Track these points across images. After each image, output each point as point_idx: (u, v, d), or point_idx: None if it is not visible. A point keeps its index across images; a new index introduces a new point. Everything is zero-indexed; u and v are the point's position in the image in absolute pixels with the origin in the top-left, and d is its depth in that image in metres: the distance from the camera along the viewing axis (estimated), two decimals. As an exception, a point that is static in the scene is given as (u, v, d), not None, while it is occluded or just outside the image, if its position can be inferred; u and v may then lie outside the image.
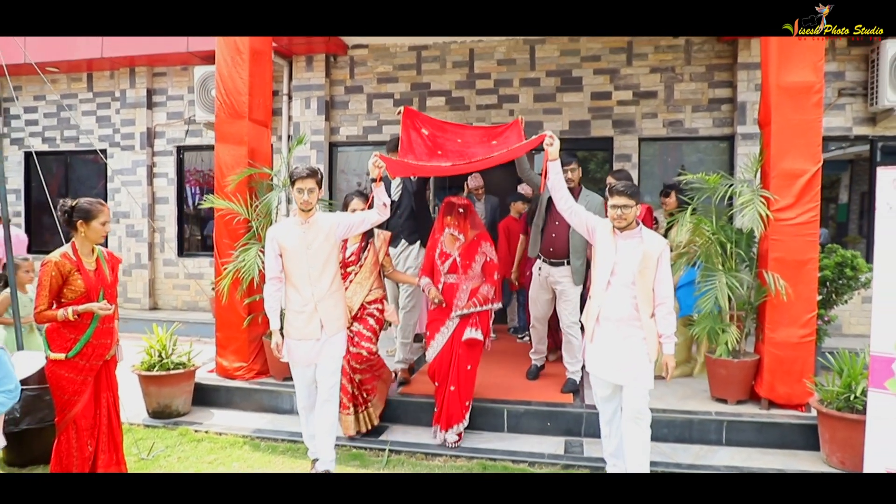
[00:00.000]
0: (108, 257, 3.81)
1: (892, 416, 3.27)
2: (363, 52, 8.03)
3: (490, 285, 4.44)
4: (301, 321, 3.84)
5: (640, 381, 3.52)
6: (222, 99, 5.25)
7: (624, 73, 7.41)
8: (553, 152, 3.88)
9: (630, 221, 3.53)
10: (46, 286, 3.50)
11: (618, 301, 3.55)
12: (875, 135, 7.06)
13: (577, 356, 5.01)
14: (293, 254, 3.81)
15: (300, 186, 3.75)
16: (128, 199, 8.76)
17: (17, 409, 3.99)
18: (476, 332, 4.33)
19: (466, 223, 4.40)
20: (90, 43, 8.43)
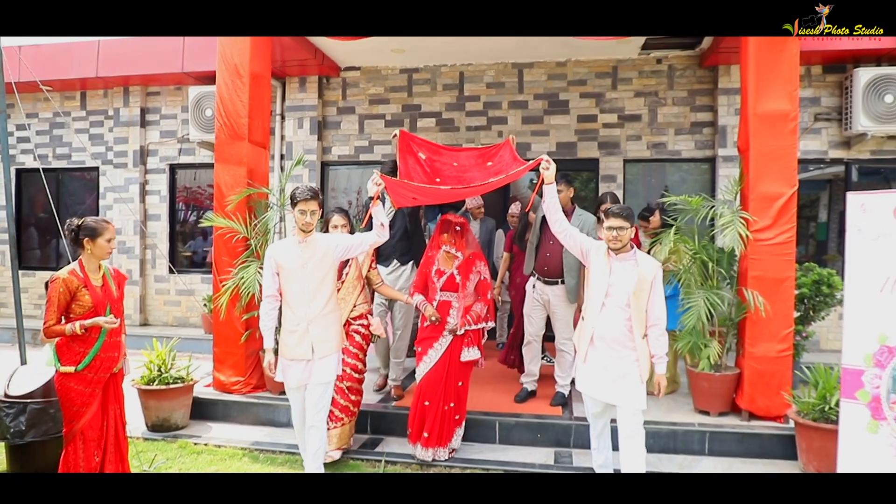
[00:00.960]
0: (115, 274, 3.97)
1: (863, 425, 3.50)
2: (355, 73, 8.27)
3: (483, 304, 4.49)
4: (293, 340, 3.87)
5: (633, 402, 3.63)
6: (222, 121, 5.45)
7: (609, 96, 7.71)
8: (549, 176, 3.99)
9: (625, 243, 3.66)
10: (55, 302, 3.65)
11: (612, 322, 3.65)
12: (850, 158, 7.40)
13: (567, 371, 5.15)
14: (289, 272, 3.87)
15: (303, 208, 3.81)
16: (120, 217, 8.87)
17: (23, 422, 4.11)
18: (472, 350, 4.39)
19: (463, 241, 4.45)
20: (85, 62, 8.60)
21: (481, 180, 4.40)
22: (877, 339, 3.49)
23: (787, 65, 4.77)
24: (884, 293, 3.50)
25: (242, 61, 5.39)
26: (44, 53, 8.57)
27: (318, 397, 3.92)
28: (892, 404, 3.43)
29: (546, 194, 3.99)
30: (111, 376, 3.87)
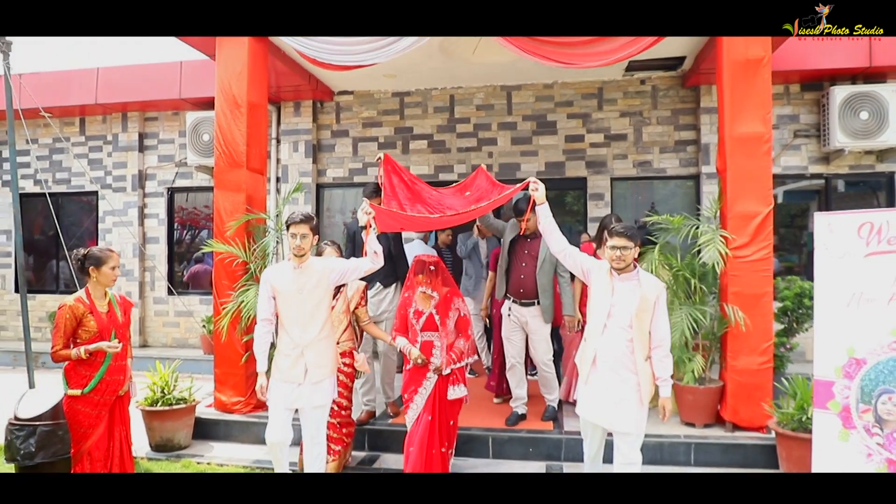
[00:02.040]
0: (121, 300, 4.18)
1: (834, 434, 3.69)
2: (348, 97, 8.51)
3: (465, 340, 4.42)
4: (287, 364, 3.89)
5: (633, 430, 3.59)
6: (221, 149, 5.66)
7: (595, 117, 7.96)
8: (540, 196, 3.97)
9: (628, 263, 3.60)
10: (62, 328, 3.87)
11: (614, 343, 3.59)
12: (829, 173, 7.65)
13: (552, 386, 5.29)
14: (285, 297, 3.89)
15: (294, 231, 3.86)
16: (119, 240, 9.07)
17: (33, 444, 4.25)
18: (459, 388, 4.28)
19: (438, 280, 4.34)
20: (84, 89, 8.82)
21: (462, 208, 4.50)
22: (845, 352, 3.69)
23: (759, 89, 5.03)
24: (850, 308, 3.71)
25: (240, 92, 5.62)
26: (44, 81, 8.78)
27: (317, 422, 3.98)
28: (861, 414, 3.62)
29: (540, 215, 3.98)
30: (117, 399, 4.07)
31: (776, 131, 7.64)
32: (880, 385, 3.58)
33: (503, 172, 8.05)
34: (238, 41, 5.66)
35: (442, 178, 8.25)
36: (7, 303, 9.74)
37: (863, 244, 3.72)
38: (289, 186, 8.01)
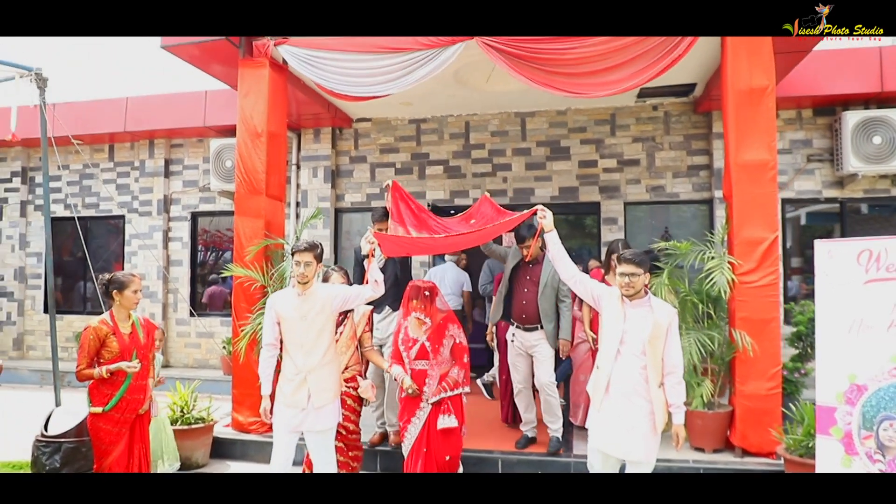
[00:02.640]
0: (144, 323, 4.39)
1: (837, 460, 3.73)
2: (367, 124, 8.75)
3: (460, 368, 4.31)
4: (290, 389, 3.92)
5: (644, 458, 3.58)
6: (242, 177, 5.90)
7: (608, 142, 8.09)
8: (548, 224, 3.95)
9: (638, 290, 3.58)
10: (86, 348, 4.09)
11: (627, 370, 3.57)
12: (843, 197, 7.67)
13: (556, 413, 5.20)
14: (289, 323, 3.94)
15: (298, 259, 3.92)
16: (144, 262, 9.36)
17: (58, 460, 4.43)
18: (449, 418, 4.16)
19: (433, 307, 4.26)
20: (113, 117, 9.20)
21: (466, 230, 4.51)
22: (847, 378, 3.74)
23: (764, 117, 5.11)
24: (851, 334, 3.76)
25: (260, 122, 5.86)
26: (76, 109, 9.16)
27: (323, 447, 4.03)
28: (863, 440, 3.66)
29: (548, 242, 3.95)
30: (137, 417, 4.25)
31: (789, 156, 7.71)
32: (881, 411, 3.62)
33: (517, 197, 8.20)
34: (258, 73, 5.92)
35: (457, 202, 8.42)
36: (36, 323, 10.07)
37: (862, 271, 3.79)
38: (308, 211, 8.28)
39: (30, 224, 10.19)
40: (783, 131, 7.76)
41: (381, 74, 5.65)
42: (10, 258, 10.09)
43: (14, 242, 10.10)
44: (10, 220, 10.16)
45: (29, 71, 5.12)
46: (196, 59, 6.44)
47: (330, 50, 5.72)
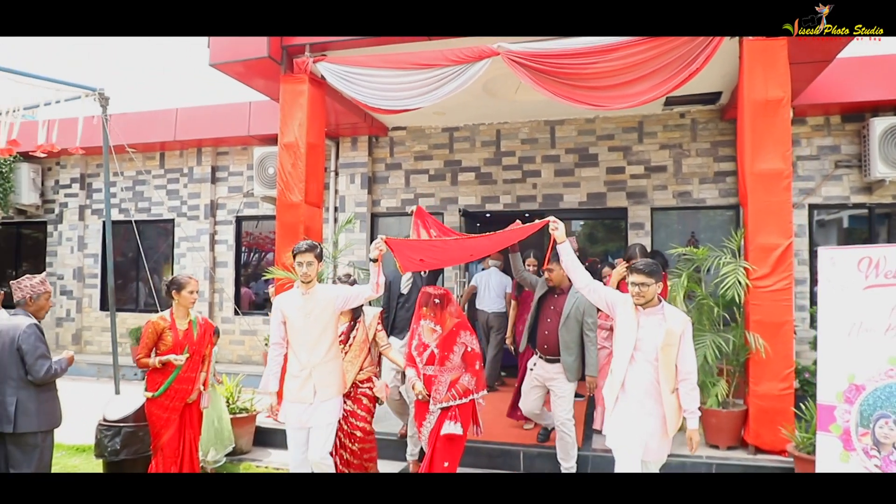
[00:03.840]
0: (203, 322, 4.85)
1: (836, 455, 3.95)
2: (402, 133, 9.18)
3: (471, 375, 4.31)
4: (296, 385, 4.13)
5: (659, 457, 3.73)
6: (283, 185, 6.37)
7: (636, 149, 8.34)
8: (560, 236, 3.98)
9: (649, 299, 3.66)
10: (145, 339, 4.58)
11: (641, 376, 3.67)
12: (871, 202, 7.76)
13: (570, 454, 5.06)
14: (293, 321, 4.14)
15: (300, 260, 4.11)
16: (192, 264, 9.97)
17: (118, 443, 4.96)
18: (455, 425, 4.17)
19: (444, 314, 4.29)
20: (164, 127, 9.84)
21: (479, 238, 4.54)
22: (846, 378, 3.97)
23: (779, 128, 5.32)
24: (850, 337, 3.99)
25: (300, 135, 6.33)
26: (130, 120, 9.82)
27: (324, 438, 4.18)
28: (860, 436, 3.89)
29: (561, 253, 4.00)
30: (186, 406, 4.69)
31: (816, 162, 7.85)
32: (878, 410, 3.85)
33: (546, 203, 8.51)
34: (298, 88, 6.38)
35: (488, 207, 8.78)
36: (93, 319, 10.79)
37: (862, 277, 4.01)
38: (345, 216, 8.74)
39: (87, 227, 10.92)
40: (811, 137, 7.90)
41: (413, 89, 6.04)
42: (69, 259, 10.83)
43: (73, 244, 10.85)
44: (69, 223, 10.91)
45: (93, 91, 5.69)
46: (241, 74, 6.94)
47: (364, 66, 6.14)
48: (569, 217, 9.10)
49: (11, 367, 3.74)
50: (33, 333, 3.80)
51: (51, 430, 3.89)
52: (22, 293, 3.89)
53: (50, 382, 3.86)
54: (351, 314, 4.68)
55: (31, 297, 3.90)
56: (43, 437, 3.83)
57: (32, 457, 3.76)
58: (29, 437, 3.75)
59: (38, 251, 11.26)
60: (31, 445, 3.77)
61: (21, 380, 3.75)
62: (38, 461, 3.77)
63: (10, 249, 11.51)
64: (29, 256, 11.48)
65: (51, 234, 11.13)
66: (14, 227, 11.40)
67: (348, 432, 4.57)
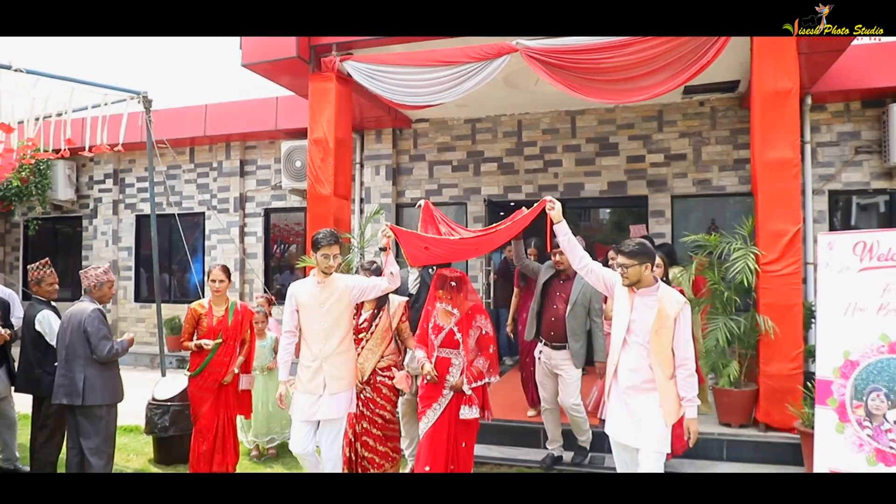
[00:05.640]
0: (241, 309, 5.31)
1: (832, 427, 4.39)
2: (425, 125, 9.68)
3: (485, 359, 4.44)
4: (307, 375, 4.14)
5: (653, 445, 3.59)
6: (313, 179, 6.94)
7: (656, 138, 8.73)
8: (556, 215, 3.97)
9: (633, 280, 3.64)
10: (185, 324, 5.11)
11: (633, 360, 3.66)
12: (892, 188, 8.07)
13: (584, 428, 5.32)
14: (307, 310, 4.16)
15: (326, 252, 4.10)
16: (223, 255, 10.63)
17: (167, 420, 5.57)
18: (471, 410, 4.31)
19: (460, 296, 4.38)
20: (194, 123, 10.47)
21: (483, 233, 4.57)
22: (842, 355, 4.40)
23: (788, 118, 5.71)
24: (846, 316, 4.41)
25: (328, 130, 6.87)
26: (161, 116, 10.30)
27: (333, 435, 4.23)
28: (854, 409, 4.31)
29: (558, 233, 3.99)
30: (222, 387, 5.11)
31: (836, 148, 8.17)
32: (870, 384, 4.27)
33: (567, 192, 8.96)
34: (326, 86, 6.92)
35: (511, 197, 9.25)
36: (128, 311, 11.51)
37: (857, 260, 4.43)
38: (371, 207, 9.29)
39: (121, 221, 11.63)
40: (831, 124, 8.22)
41: (435, 85, 6.53)
42: (104, 252, 11.55)
43: (108, 238, 11.57)
44: (103, 217, 11.64)
45: (137, 94, 6.29)
46: (270, 73, 7.49)
47: (389, 64, 6.65)
48: (590, 206, 9.55)
49: (79, 347, 4.33)
50: (97, 317, 4.39)
51: (114, 403, 4.48)
52: (88, 281, 4.49)
53: (112, 361, 4.44)
54: (376, 301, 4.72)
55: (96, 285, 4.49)
56: (107, 409, 4.42)
57: (99, 427, 4.36)
58: (95, 410, 4.34)
59: (74, 245, 12.00)
60: (98, 417, 4.36)
61: (87, 358, 4.34)
62: (104, 431, 4.37)
63: (47, 244, 12.26)
64: (65, 251, 12.22)
65: (86, 228, 11.87)
66: (51, 222, 12.17)
67: (371, 419, 4.71)
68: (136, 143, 9.86)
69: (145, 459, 5.81)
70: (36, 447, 4.97)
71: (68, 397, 4.28)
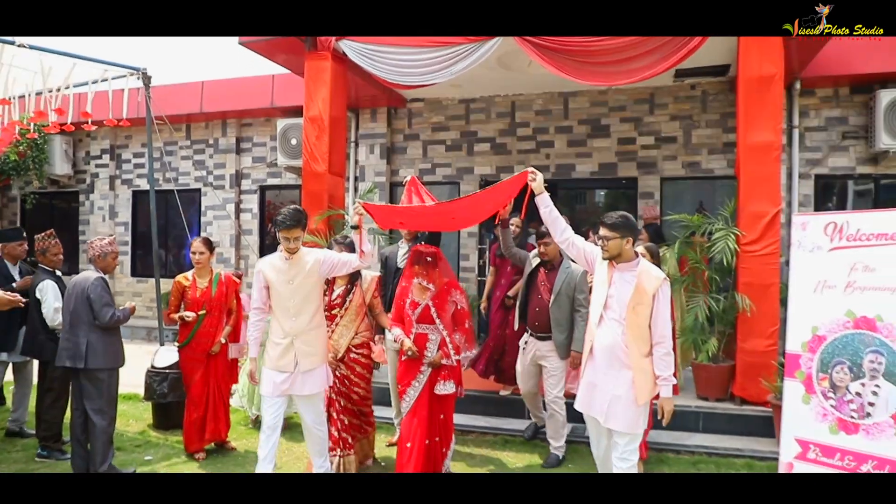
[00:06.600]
0: (225, 280, 5.49)
1: (799, 397, 4.66)
2: (419, 104, 9.87)
3: (461, 334, 4.50)
4: (277, 353, 4.12)
5: (625, 425, 3.62)
6: (308, 156, 7.16)
7: (647, 120, 8.94)
8: (537, 187, 3.97)
9: (613, 253, 3.66)
10: (171, 297, 5.36)
11: (609, 336, 3.65)
12: (877, 173, 8.31)
13: (560, 433, 5.26)
14: (277, 287, 4.13)
15: (287, 236, 4.04)
16: (219, 231, 10.85)
17: (165, 387, 5.84)
18: (447, 384, 4.37)
19: (436, 271, 4.41)
20: (191, 100, 10.65)
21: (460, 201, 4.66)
22: (810, 330, 4.66)
23: (771, 103, 5.93)
24: (816, 293, 4.67)
25: (324, 108, 7.08)
26: (158, 92, 10.35)
27: (317, 410, 4.28)
28: (820, 381, 4.59)
29: (540, 205, 3.98)
30: (211, 357, 5.34)
31: (824, 133, 8.39)
32: (836, 357, 4.54)
33: (559, 173, 9.18)
34: (322, 65, 7.11)
35: (504, 177, 9.38)
36: (125, 285, 11.75)
37: (828, 240, 4.68)
38: (365, 185, 9.51)
39: (117, 196, 11.84)
40: (819, 109, 8.42)
41: (429, 65, 6.73)
42: (101, 227, 11.75)
43: (105, 213, 11.79)
44: (100, 192, 11.84)
45: (137, 70, 6.48)
46: (266, 51, 7.67)
47: (383, 44, 6.84)
48: (581, 187, 9.74)
49: (83, 312, 4.58)
50: (100, 285, 4.63)
51: (115, 368, 4.73)
52: (93, 251, 4.73)
53: (114, 327, 4.69)
54: (348, 277, 4.71)
55: (100, 255, 4.73)
56: (109, 373, 4.67)
57: (101, 389, 4.61)
58: (98, 373, 4.59)
59: (71, 220, 12.21)
60: (99, 380, 4.61)
61: (90, 324, 4.58)
62: (107, 393, 4.63)
63: (44, 219, 12.44)
64: (61, 226, 12.38)
65: (82, 203, 12.08)
66: (47, 197, 12.37)
67: (346, 394, 4.77)
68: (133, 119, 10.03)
69: (144, 424, 6.09)
70: (42, 409, 5.26)
71: (72, 360, 4.53)
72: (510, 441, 5.77)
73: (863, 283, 4.51)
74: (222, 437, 5.51)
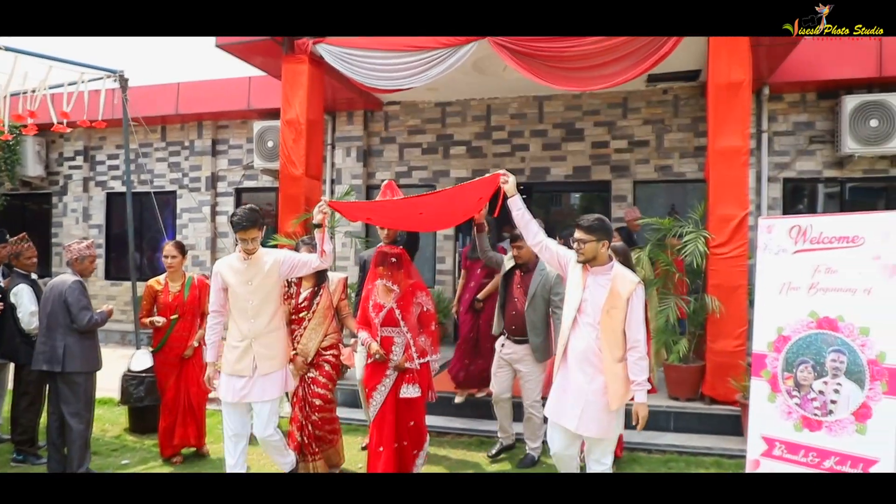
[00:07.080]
0: (197, 283, 5.45)
1: (764, 396, 4.81)
2: (396, 107, 9.94)
3: (426, 336, 4.44)
4: (234, 356, 4.02)
5: (599, 433, 3.61)
6: (285, 159, 7.19)
7: (620, 124, 9.10)
8: (510, 189, 3.93)
9: (589, 257, 3.65)
10: (143, 301, 5.36)
11: (582, 341, 3.62)
12: (843, 177, 8.54)
13: (537, 434, 5.23)
14: (234, 288, 4.04)
15: (243, 237, 3.98)
16: (194, 234, 10.82)
17: (142, 391, 5.84)
18: (412, 388, 4.32)
19: (400, 273, 4.36)
20: (166, 101, 10.60)
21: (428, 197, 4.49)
22: (776, 330, 4.80)
23: (739, 108, 6.09)
24: (781, 294, 4.81)
25: (301, 112, 7.12)
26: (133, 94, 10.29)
27: (267, 416, 4.10)
28: (785, 379, 4.73)
29: (512, 207, 3.93)
30: (184, 361, 5.34)
31: (791, 137, 8.61)
32: (800, 356, 4.68)
33: (534, 176, 9.31)
34: (299, 68, 7.15)
35: (479, 180, 9.56)
36: (98, 288, 11.63)
37: (792, 243, 4.82)
38: (342, 188, 9.55)
39: (91, 199, 11.74)
40: (787, 114, 8.65)
41: (405, 69, 6.81)
42: (74, 230, 11.64)
43: (78, 215, 11.67)
44: (74, 195, 11.73)
45: (113, 73, 6.47)
46: (243, 53, 7.70)
47: (360, 48, 6.90)
48: (556, 190, 9.87)
49: (60, 316, 4.58)
50: (77, 288, 4.63)
51: (92, 371, 4.73)
52: (70, 255, 4.73)
53: (92, 331, 4.69)
54: (314, 279, 4.64)
55: (78, 258, 4.73)
56: (86, 377, 4.67)
57: (78, 393, 4.61)
58: (75, 377, 4.59)
59: (43, 222, 12.07)
60: (77, 384, 4.61)
61: (68, 327, 4.58)
62: (84, 396, 4.63)
63: (15, 221, 12.28)
64: (34, 228, 12.23)
65: (55, 205, 11.95)
66: (19, 199, 12.21)
67: (310, 401, 4.58)
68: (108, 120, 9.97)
69: (120, 429, 6.08)
70: (18, 413, 5.23)
71: (48, 364, 4.53)
72: (486, 442, 5.85)
73: (825, 284, 4.66)
74: (191, 442, 5.40)
